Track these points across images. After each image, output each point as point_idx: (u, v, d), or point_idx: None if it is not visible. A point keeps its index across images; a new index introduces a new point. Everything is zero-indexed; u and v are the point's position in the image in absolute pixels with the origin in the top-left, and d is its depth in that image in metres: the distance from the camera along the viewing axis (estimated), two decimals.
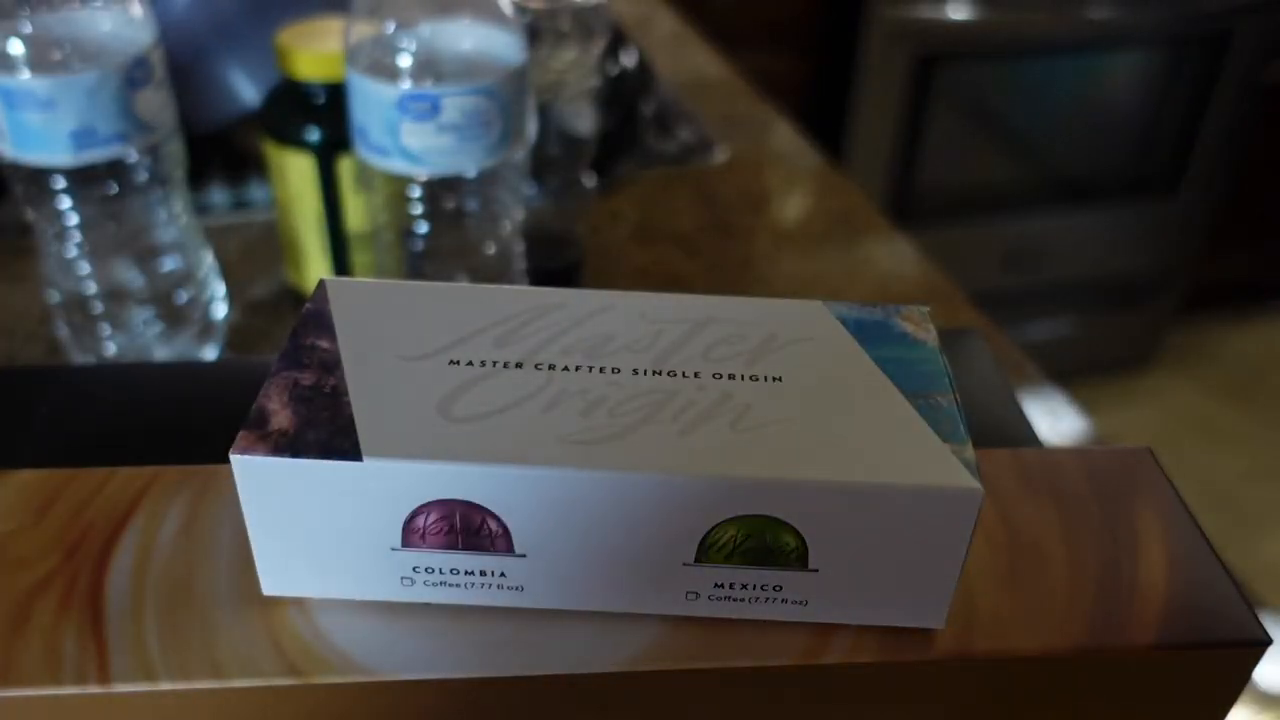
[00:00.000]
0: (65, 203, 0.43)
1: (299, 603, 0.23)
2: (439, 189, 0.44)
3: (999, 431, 0.31)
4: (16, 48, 0.39)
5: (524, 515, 0.21)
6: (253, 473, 0.21)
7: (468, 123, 0.41)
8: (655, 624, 0.23)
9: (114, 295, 0.46)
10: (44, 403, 0.30)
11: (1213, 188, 1.60)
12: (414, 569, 0.22)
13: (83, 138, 0.40)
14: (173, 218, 0.46)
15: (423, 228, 0.45)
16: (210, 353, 0.50)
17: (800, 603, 0.22)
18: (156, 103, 0.42)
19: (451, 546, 0.22)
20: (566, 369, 0.23)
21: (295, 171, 0.49)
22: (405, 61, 0.41)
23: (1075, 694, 0.23)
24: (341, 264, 0.52)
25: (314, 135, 0.48)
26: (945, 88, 1.42)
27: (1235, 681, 0.24)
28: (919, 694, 0.23)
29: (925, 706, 0.23)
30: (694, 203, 0.68)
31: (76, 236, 0.44)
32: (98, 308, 0.46)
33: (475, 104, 0.41)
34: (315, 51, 0.47)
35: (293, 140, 0.49)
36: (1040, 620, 0.23)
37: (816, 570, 0.22)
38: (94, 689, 0.21)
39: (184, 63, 0.58)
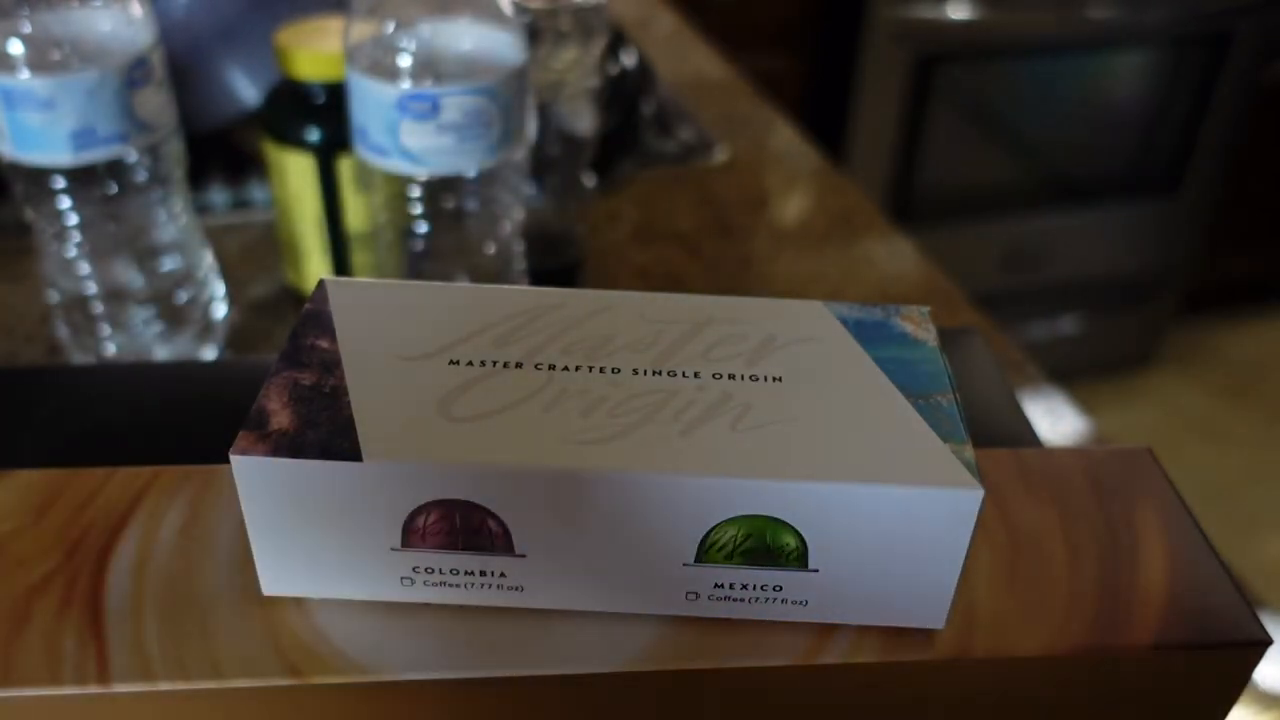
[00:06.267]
0: (65, 203, 0.43)
1: (299, 603, 0.23)
2: (439, 189, 0.44)
3: (999, 431, 0.31)
4: (16, 48, 0.39)
5: (524, 515, 0.21)
6: (253, 473, 0.21)
7: (468, 123, 0.41)
8: (655, 624, 0.23)
9: (114, 295, 0.46)
10: (44, 403, 0.30)
11: (1213, 188, 1.60)
12: (414, 569, 0.22)
13: (82, 138, 0.40)
14: (173, 218, 0.46)
15: (423, 228, 0.45)
16: (210, 353, 0.50)
17: (800, 603, 0.22)
18: (156, 103, 0.42)
19: (451, 546, 0.22)
20: (566, 369, 0.23)
21: (295, 171, 0.49)
22: (405, 61, 0.41)
23: (1075, 694, 0.23)
24: (341, 264, 0.52)
25: (314, 135, 0.48)
26: (945, 88, 1.42)
27: (1235, 681, 0.24)
28: (919, 694, 0.23)
29: (925, 706, 0.23)
30: (694, 203, 0.68)
31: (76, 236, 0.44)
32: (98, 308, 0.46)
33: (475, 104, 0.41)
34: (315, 51, 0.47)
35: (293, 140, 0.49)
36: (1040, 620, 0.23)
37: (816, 570, 0.22)
38: (94, 689, 0.21)
39: (184, 63, 0.58)
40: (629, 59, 0.67)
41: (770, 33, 1.39)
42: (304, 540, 0.22)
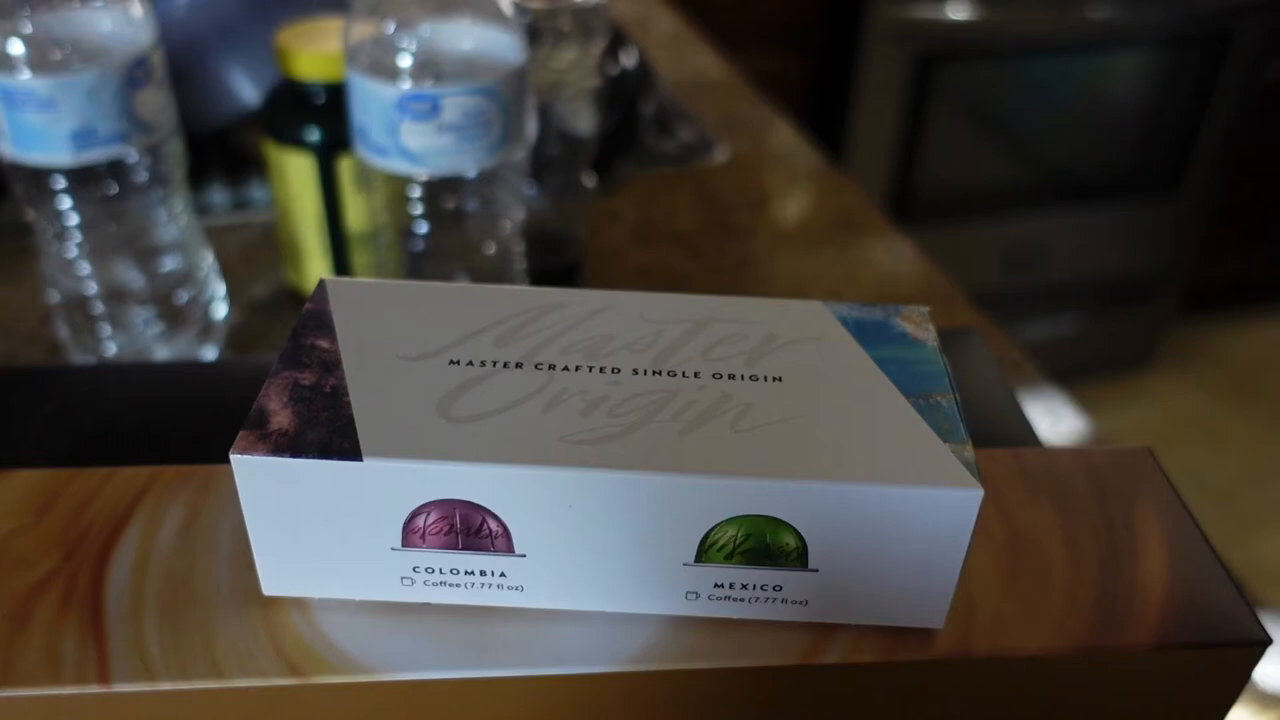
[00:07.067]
0: (65, 203, 0.43)
1: (299, 603, 0.23)
2: (439, 189, 0.44)
3: (999, 431, 0.31)
4: (16, 48, 0.39)
5: (524, 515, 0.21)
6: (253, 473, 0.21)
7: (468, 123, 0.41)
8: (655, 624, 0.23)
9: (114, 295, 0.46)
10: (44, 403, 0.30)
11: (1213, 188, 1.60)
12: (414, 569, 0.22)
13: (83, 138, 0.40)
14: (173, 218, 0.46)
15: (423, 228, 0.45)
16: (210, 353, 0.50)
17: (800, 603, 0.22)
18: (156, 103, 0.42)
19: (451, 546, 0.22)
20: (566, 369, 0.23)
21: (295, 171, 0.49)
22: (405, 61, 0.41)
23: (1075, 694, 0.23)
24: (341, 264, 0.52)
25: (314, 135, 0.48)
26: (945, 88, 1.42)
27: (1235, 681, 0.24)
28: (919, 694, 0.23)
29: (925, 706, 0.23)
30: (694, 203, 0.68)
31: (76, 236, 0.44)
32: (98, 308, 0.46)
33: (475, 104, 0.41)
34: (315, 51, 0.47)
35: (293, 140, 0.49)
36: (1040, 620, 0.23)
37: (816, 570, 0.22)
38: (94, 689, 0.21)
39: (184, 63, 0.58)
40: (629, 59, 0.67)
41: (770, 33, 1.39)
42: (304, 540, 0.22)
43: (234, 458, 0.21)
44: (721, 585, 0.22)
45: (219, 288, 0.51)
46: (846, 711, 0.23)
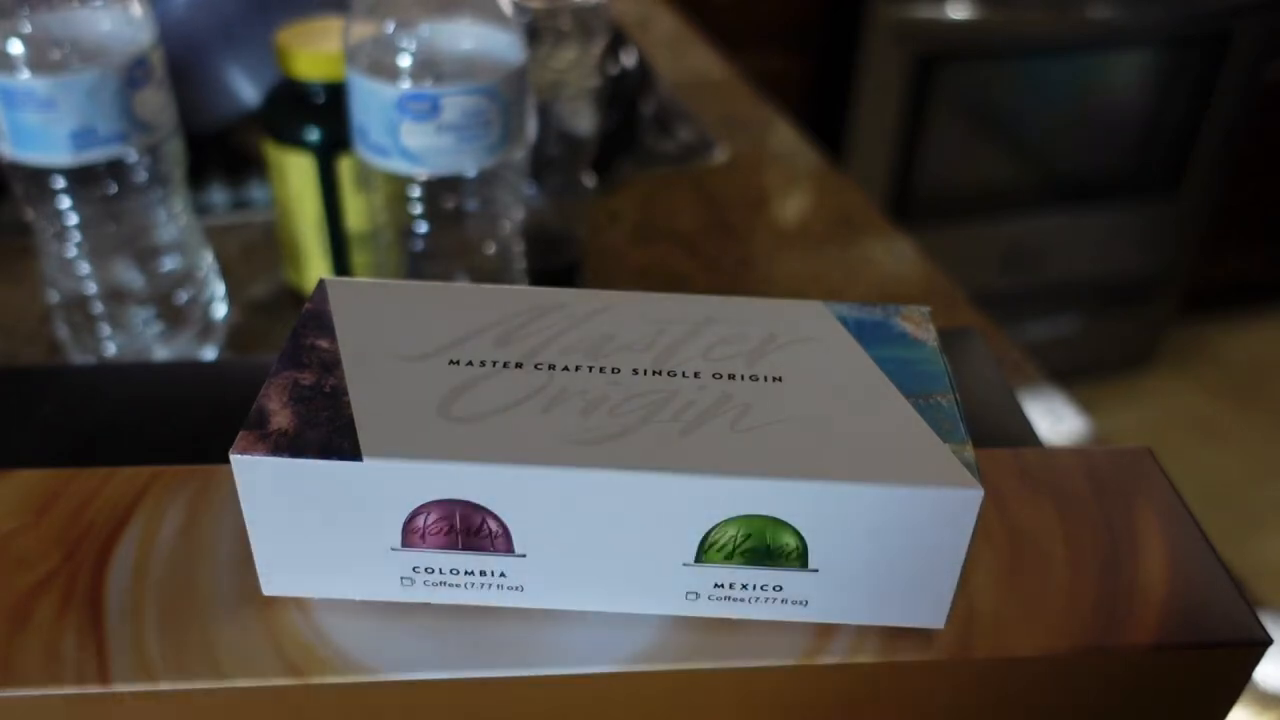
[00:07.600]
0: (65, 203, 0.43)
1: (299, 603, 0.23)
2: (439, 189, 0.44)
3: (999, 431, 0.31)
4: (16, 48, 0.39)
5: (524, 515, 0.21)
6: (253, 473, 0.21)
7: (468, 123, 0.41)
8: (655, 624, 0.23)
9: (114, 295, 0.46)
10: (44, 403, 0.30)
11: (1213, 188, 1.60)
12: (414, 569, 0.22)
13: (83, 138, 0.40)
14: (173, 218, 0.46)
15: (423, 228, 0.45)
16: (210, 353, 0.50)
17: (800, 603, 0.22)
18: (156, 103, 0.42)
19: (451, 546, 0.22)
20: (566, 369, 0.23)
21: (295, 171, 0.49)
22: (405, 61, 0.41)
23: (1075, 694, 0.23)
24: (341, 264, 0.52)
25: (314, 135, 0.48)
26: (945, 88, 1.42)
27: (1235, 681, 0.24)
28: (919, 694, 0.23)
29: (925, 706, 0.23)
30: (694, 203, 0.68)
31: (76, 236, 0.44)
32: (98, 308, 0.46)
33: (475, 104, 0.41)
34: (315, 51, 0.47)
35: (293, 140, 0.49)
36: (1040, 620, 0.23)
37: (816, 570, 0.22)
38: (94, 689, 0.21)
39: (184, 63, 0.58)
40: (629, 59, 0.67)
41: (771, 32, 1.39)
42: (304, 540, 0.22)
43: (234, 458, 0.21)
44: (721, 585, 0.22)
45: (219, 288, 0.51)
46: (846, 711, 0.23)
